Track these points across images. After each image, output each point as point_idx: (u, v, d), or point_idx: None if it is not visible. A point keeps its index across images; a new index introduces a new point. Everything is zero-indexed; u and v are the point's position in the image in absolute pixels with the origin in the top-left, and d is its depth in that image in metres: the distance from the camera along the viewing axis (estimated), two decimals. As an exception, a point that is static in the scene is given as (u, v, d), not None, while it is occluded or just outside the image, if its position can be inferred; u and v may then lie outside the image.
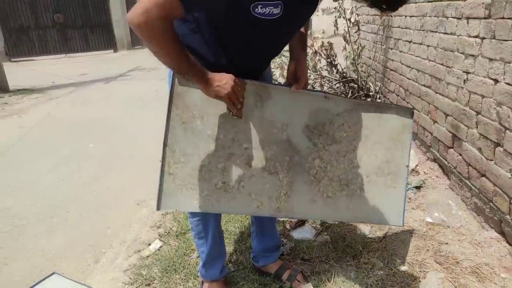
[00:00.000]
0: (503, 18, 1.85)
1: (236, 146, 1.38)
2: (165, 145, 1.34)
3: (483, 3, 2.03)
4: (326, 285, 1.71)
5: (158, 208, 1.37)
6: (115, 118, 4.71)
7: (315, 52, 4.22)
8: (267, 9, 1.11)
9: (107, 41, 13.03)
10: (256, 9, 1.10)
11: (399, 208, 1.58)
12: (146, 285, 1.82)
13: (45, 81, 7.48)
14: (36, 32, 12.21)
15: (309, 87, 4.32)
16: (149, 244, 2.13)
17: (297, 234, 2.10)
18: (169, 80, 1.38)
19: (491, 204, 1.98)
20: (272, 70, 1.87)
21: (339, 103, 1.47)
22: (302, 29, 1.45)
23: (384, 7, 1.11)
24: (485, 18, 2.02)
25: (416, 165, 2.75)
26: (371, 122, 1.49)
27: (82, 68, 9.26)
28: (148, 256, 2.03)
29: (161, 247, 2.09)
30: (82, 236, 2.29)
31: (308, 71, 4.29)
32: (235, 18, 1.15)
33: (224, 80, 1.25)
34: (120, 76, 7.97)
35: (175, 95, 1.32)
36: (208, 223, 1.57)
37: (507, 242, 1.87)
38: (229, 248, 1.99)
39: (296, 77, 1.43)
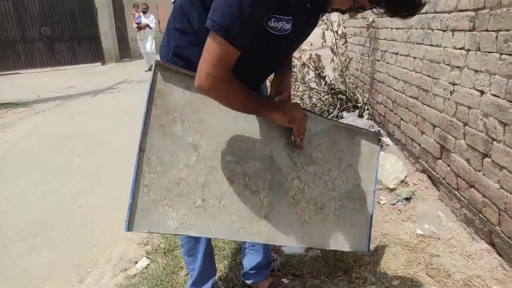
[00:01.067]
0: (487, 30, 1.88)
1: (218, 158, 1.26)
2: (140, 149, 1.18)
3: (467, 15, 2.06)
4: (317, 301, 1.67)
5: (129, 229, 1.17)
6: (102, 132, 4.65)
7: (303, 64, 4.25)
8: (279, 23, 1.10)
9: (95, 54, 12.99)
10: (269, 23, 1.09)
11: (365, 233, 1.56)
12: (132, 306, 1.76)
13: (31, 95, 7.38)
14: (23, 45, 12.13)
15: (297, 99, 4.34)
16: (136, 262, 2.07)
17: (287, 248, 2.06)
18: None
19: (480, 215, 1.98)
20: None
21: (317, 122, 1.43)
22: None
23: (404, 14, 1.08)
24: (469, 30, 2.05)
25: (406, 176, 2.75)
26: (345, 145, 1.48)
27: (69, 81, 9.18)
28: (135, 275, 1.97)
29: (148, 265, 2.03)
30: (66, 255, 2.22)
31: (297, 82, 4.31)
32: (255, 36, 1.11)
33: (294, 107, 1.29)
34: (108, 89, 7.91)
35: (156, 92, 1.18)
36: (199, 239, 1.53)
37: (498, 253, 1.86)
38: (218, 264, 1.94)
39: (279, 91, 1.39)
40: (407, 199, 2.50)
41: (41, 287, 1.95)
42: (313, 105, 4.19)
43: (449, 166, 2.33)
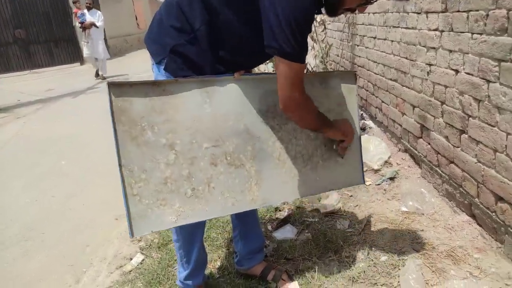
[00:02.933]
0: (458, 11, 1.94)
1: (196, 148, 1.33)
2: (120, 165, 1.26)
3: (439, -3, 2.12)
4: (310, 282, 1.73)
5: (132, 235, 1.28)
6: (87, 133, 4.61)
7: (284, 53, 4.27)
8: None
9: (73, 54, 12.74)
10: None
11: (358, 167, 1.66)
12: (130, 300, 1.79)
13: (10, 100, 7.23)
14: (-3, 49, 11.80)
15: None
16: (131, 259, 2.10)
17: (279, 234, 2.12)
18: None
19: (460, 189, 2.07)
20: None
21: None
22: None
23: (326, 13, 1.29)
24: (442, 11, 2.11)
25: (389, 157, 2.83)
26: (319, 92, 1.51)
27: (48, 83, 9.02)
28: (130, 271, 2.00)
29: (143, 260, 2.07)
30: (60, 257, 2.23)
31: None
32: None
33: (346, 122, 1.49)
34: (89, 89, 7.80)
35: (116, 110, 1.23)
36: (193, 236, 1.56)
37: (478, 224, 1.95)
38: (212, 254, 1.99)
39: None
40: (392, 178, 2.58)
41: (37, 290, 1.96)
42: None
43: (429, 144, 2.41)
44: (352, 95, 1.58)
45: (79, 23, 8.49)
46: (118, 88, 1.23)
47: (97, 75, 8.79)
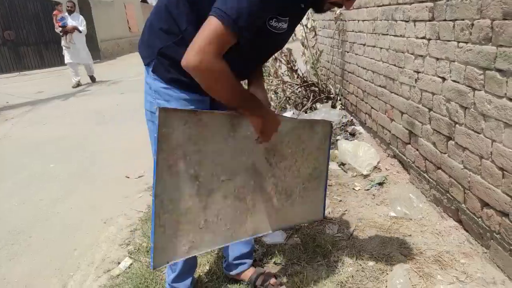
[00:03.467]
0: (445, 20, 1.98)
1: (215, 181, 1.35)
2: (156, 195, 1.23)
3: (427, 6, 2.16)
4: (299, 286, 1.74)
5: (154, 268, 1.28)
6: (76, 136, 4.57)
7: (275, 59, 4.31)
8: (279, 24, 1.19)
9: (63, 57, 12.61)
10: (271, 22, 1.18)
11: (321, 204, 1.77)
12: (118, 305, 1.78)
13: (-2, 102, 7.14)
14: (-15, 50, 11.66)
15: (271, 93, 4.39)
16: (119, 263, 2.08)
17: (268, 239, 2.12)
18: (150, 92, 1.38)
19: (448, 194, 2.10)
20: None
21: (287, 123, 1.53)
22: None
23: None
24: (429, 20, 2.15)
25: (378, 162, 2.86)
26: (306, 136, 1.61)
27: (38, 85, 8.93)
28: (118, 275, 1.98)
29: (131, 264, 2.05)
30: (47, 261, 2.20)
31: (270, 77, 4.36)
32: (256, 31, 1.18)
33: (274, 118, 1.35)
34: (79, 91, 7.74)
35: (161, 137, 1.21)
36: None
37: (464, 229, 1.98)
38: (201, 259, 1.98)
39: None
40: (380, 184, 2.61)
41: (23, 294, 1.93)
42: (287, 98, 4.26)
43: (417, 150, 2.45)
44: (326, 139, 1.70)
45: (60, 26, 7.85)
46: (165, 112, 1.20)
47: (77, 85, 8.18)
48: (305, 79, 4.30)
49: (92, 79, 8.68)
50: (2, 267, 2.18)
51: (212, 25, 1.09)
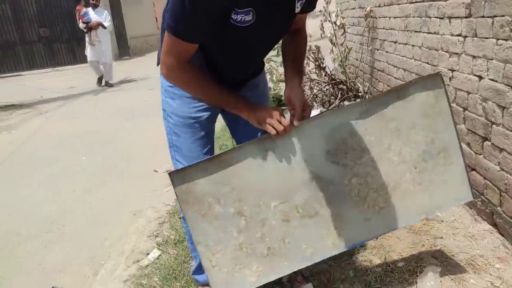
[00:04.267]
0: (483, 17, 1.91)
1: (264, 209, 1.31)
2: (197, 243, 1.29)
3: (463, 3, 2.09)
4: (326, 284, 1.73)
5: None
6: (106, 130, 4.70)
7: (303, 56, 4.28)
8: (239, 16, 1.12)
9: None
10: (232, 15, 1.12)
11: (463, 181, 1.43)
12: (147, 295, 1.82)
13: (33, 96, 7.43)
14: (22, 47, 12.16)
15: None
16: (148, 254, 2.13)
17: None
18: (162, 90, 1.42)
19: (482, 197, 2.03)
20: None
21: (350, 111, 1.34)
22: (299, 45, 1.43)
23: None
24: (466, 17, 2.08)
25: (408, 163, 2.80)
26: (395, 110, 1.33)
27: (70, 81, 9.23)
28: (147, 266, 2.03)
29: (160, 255, 2.09)
30: (79, 249, 2.28)
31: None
32: (217, 29, 1.16)
33: (266, 111, 1.26)
34: (109, 87, 7.95)
35: (180, 195, 1.25)
36: None
37: (500, 233, 1.91)
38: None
39: (293, 105, 1.32)
40: (410, 184, 2.55)
41: (57, 281, 2.01)
42: (314, 96, 4.23)
43: (450, 151, 2.38)
44: (441, 101, 1.35)
45: (83, 23, 7.40)
46: (178, 174, 1.25)
47: (99, 82, 7.93)
48: (333, 76, 4.25)
49: (108, 84, 7.90)
50: (38, 254, 2.27)
51: (166, 37, 1.19)
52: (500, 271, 1.70)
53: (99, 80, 8.02)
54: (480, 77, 1.97)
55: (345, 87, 4.20)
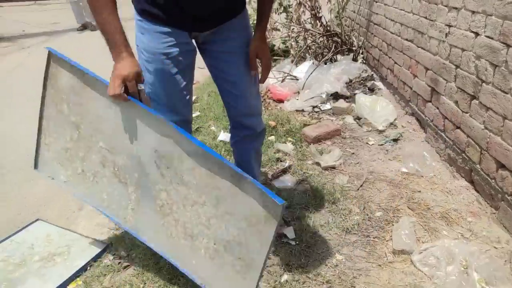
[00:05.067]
0: (489, -31, 1.84)
1: (93, 141, 1.43)
2: (40, 117, 1.50)
3: (470, -47, 2.00)
4: (305, 228, 1.79)
5: (35, 168, 1.61)
6: (93, 68, 4.54)
7: (299, 3, 4.13)
8: None
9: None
10: None
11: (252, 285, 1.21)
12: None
13: (14, 29, 7.06)
14: (1, -24, 11.33)
15: (291, 41, 4.26)
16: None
17: (278, 183, 2.16)
18: (136, 28, 1.42)
19: (463, 154, 2.08)
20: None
21: (185, 142, 1.22)
22: None
23: None
24: (471, -31, 2.00)
25: (395, 119, 2.82)
26: (225, 186, 1.18)
27: (54, 16, 8.76)
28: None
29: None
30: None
31: (292, 23, 4.20)
32: None
33: (126, 66, 1.23)
34: (95, 25, 7.59)
35: (50, 74, 1.42)
36: None
37: (475, 189, 1.98)
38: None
39: (258, 58, 1.46)
40: (395, 140, 2.59)
41: (41, 213, 2.02)
42: (308, 47, 4.14)
43: (437, 108, 2.39)
44: (269, 228, 1.12)
45: None
46: (57, 57, 1.40)
47: (82, 27, 7.06)
48: (328, 28, 4.14)
49: (91, 26, 7.02)
50: (23, 187, 2.27)
51: None
52: (471, 224, 1.78)
53: (83, 26, 7.22)
54: (477, 34, 1.94)
55: (339, 40, 4.10)
